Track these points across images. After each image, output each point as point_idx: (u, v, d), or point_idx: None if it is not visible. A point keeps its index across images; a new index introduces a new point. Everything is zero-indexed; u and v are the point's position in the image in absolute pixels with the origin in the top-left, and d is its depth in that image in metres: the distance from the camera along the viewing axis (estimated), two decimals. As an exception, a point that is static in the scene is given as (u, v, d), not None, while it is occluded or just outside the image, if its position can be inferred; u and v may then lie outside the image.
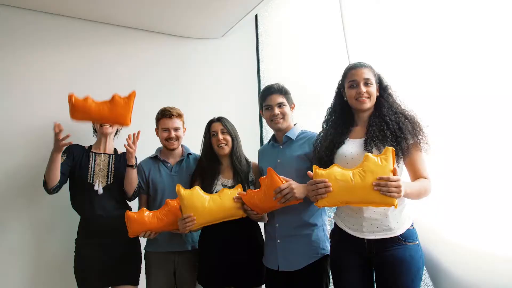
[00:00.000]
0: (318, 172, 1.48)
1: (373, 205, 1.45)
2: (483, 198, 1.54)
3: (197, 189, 1.85)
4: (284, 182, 1.68)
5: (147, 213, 1.91)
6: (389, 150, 1.42)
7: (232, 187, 2.01)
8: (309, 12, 3.05)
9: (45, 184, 2.07)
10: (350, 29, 2.30)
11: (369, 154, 1.44)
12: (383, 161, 1.40)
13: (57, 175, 2.04)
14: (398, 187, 1.35)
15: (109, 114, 1.88)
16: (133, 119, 2.43)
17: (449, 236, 1.69)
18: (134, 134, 2.05)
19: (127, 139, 2.04)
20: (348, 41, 2.29)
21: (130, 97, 1.92)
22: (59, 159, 2.00)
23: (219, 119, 2.09)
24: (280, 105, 1.90)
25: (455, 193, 1.66)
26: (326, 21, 2.68)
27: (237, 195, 1.83)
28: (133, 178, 2.10)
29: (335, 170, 1.47)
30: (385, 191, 1.35)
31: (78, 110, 1.85)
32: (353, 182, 1.41)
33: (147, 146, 2.36)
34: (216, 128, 2.06)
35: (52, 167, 2.00)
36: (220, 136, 2.03)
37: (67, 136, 1.88)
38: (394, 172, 1.39)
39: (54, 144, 1.92)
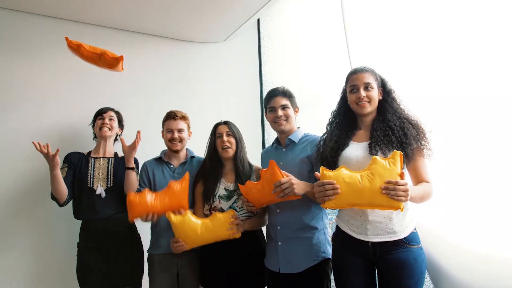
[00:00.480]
0: (326, 173, 1.47)
1: (379, 208, 1.45)
2: (483, 200, 1.54)
3: (188, 215, 1.84)
4: (285, 176, 1.68)
5: (149, 195, 1.89)
6: (397, 154, 1.42)
7: (234, 191, 2.02)
8: (311, 16, 3.06)
9: (55, 200, 2.09)
10: (352, 32, 2.31)
11: (377, 157, 1.44)
12: (391, 165, 1.41)
13: (63, 190, 2.06)
14: (406, 191, 1.37)
15: (99, 63, 2.03)
16: (135, 123, 2.46)
17: (450, 238, 1.69)
18: (137, 134, 2.08)
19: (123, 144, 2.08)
20: (350, 44, 2.30)
21: (119, 60, 2.01)
22: (59, 174, 2.02)
23: (226, 122, 2.12)
24: (284, 107, 1.92)
25: (455, 196, 1.66)
26: (328, 25, 2.69)
27: (231, 221, 1.84)
28: (132, 181, 2.11)
29: (343, 172, 1.47)
30: (393, 195, 1.36)
31: (72, 50, 2.04)
32: (361, 184, 1.41)
33: (150, 148, 2.37)
34: (222, 131, 2.08)
35: (55, 184, 2.02)
36: (225, 138, 2.05)
37: (57, 151, 1.93)
38: (401, 176, 1.39)
39: (48, 163, 1.95)
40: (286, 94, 1.95)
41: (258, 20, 3.34)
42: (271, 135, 3.24)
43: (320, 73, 2.90)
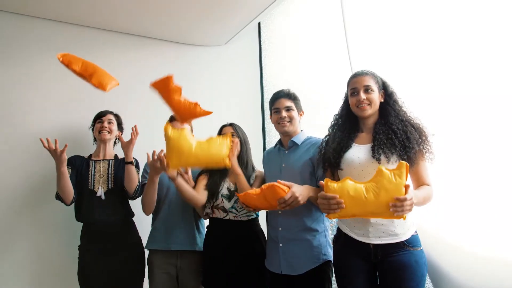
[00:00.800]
0: (330, 185, 1.45)
1: (382, 217, 1.46)
2: (483, 202, 1.55)
3: (185, 131, 1.79)
4: (287, 190, 1.66)
5: (183, 97, 1.87)
6: (403, 166, 1.39)
7: (235, 191, 2.04)
8: (312, 19, 3.08)
9: (60, 199, 2.09)
10: (353, 36, 2.33)
11: (383, 168, 1.42)
12: (397, 178, 1.38)
13: (70, 189, 2.07)
14: (412, 204, 1.38)
15: (88, 82, 1.97)
16: (139, 125, 2.47)
17: (450, 240, 1.69)
18: (133, 128, 2.12)
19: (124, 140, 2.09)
20: (350, 48, 2.31)
21: (102, 89, 1.98)
22: (66, 171, 2.02)
23: (231, 124, 2.16)
24: (288, 109, 1.94)
25: (455, 198, 1.67)
26: (329, 28, 2.71)
27: (227, 147, 1.80)
28: (132, 176, 2.11)
29: (348, 184, 1.45)
30: (400, 210, 1.37)
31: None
32: (366, 198, 1.40)
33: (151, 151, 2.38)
34: (226, 131, 2.12)
35: (62, 182, 2.02)
36: None
37: (65, 147, 1.94)
38: (407, 188, 1.38)
39: (55, 160, 1.96)
40: (291, 96, 1.96)
41: (259, 23, 3.36)
42: (272, 138, 3.25)
43: (321, 76, 2.91)
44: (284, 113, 1.93)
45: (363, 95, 1.64)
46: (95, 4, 2.43)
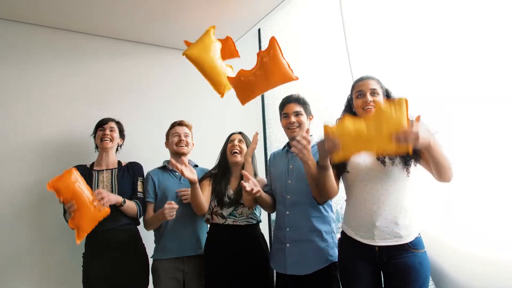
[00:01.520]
0: (330, 130, 1.44)
1: (387, 152, 1.45)
2: (485, 203, 1.56)
3: (217, 42, 2.03)
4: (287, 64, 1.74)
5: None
6: (403, 101, 1.35)
7: (234, 200, 2.08)
8: (311, 25, 3.11)
9: (67, 221, 2.09)
10: (352, 40, 2.35)
11: (382, 106, 1.40)
12: (397, 112, 1.34)
13: None
14: (416, 135, 1.32)
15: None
16: (138, 132, 2.49)
17: (450, 242, 1.70)
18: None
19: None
20: (350, 52, 2.33)
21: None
22: None
23: (240, 132, 2.21)
24: (297, 114, 1.95)
25: (455, 199, 1.68)
26: (329, 35, 2.73)
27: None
28: (128, 209, 2.12)
29: (347, 125, 1.42)
30: (403, 141, 1.33)
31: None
32: (369, 135, 1.38)
33: (156, 156, 2.42)
34: (234, 137, 2.17)
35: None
36: (236, 143, 2.13)
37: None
38: (409, 122, 1.35)
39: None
40: (300, 101, 1.98)
41: (259, 30, 3.39)
42: (273, 143, 3.27)
43: (321, 81, 2.93)
44: (293, 118, 1.94)
45: (369, 97, 1.67)
46: (99, 12, 2.45)
